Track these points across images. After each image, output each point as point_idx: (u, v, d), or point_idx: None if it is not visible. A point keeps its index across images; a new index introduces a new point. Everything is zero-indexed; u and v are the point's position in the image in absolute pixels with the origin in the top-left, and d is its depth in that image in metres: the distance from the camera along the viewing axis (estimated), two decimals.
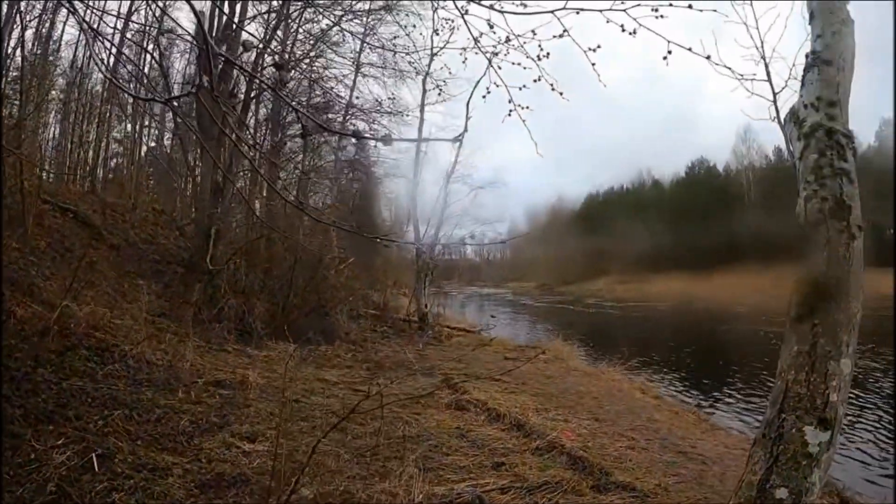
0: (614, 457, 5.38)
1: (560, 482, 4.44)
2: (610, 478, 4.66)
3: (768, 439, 2.61)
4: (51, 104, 10.08)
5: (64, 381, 5.00)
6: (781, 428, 2.57)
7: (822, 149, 2.92)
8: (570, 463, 4.96)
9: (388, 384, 6.34)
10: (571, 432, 5.96)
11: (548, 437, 5.48)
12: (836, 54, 3.12)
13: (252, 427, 5.25)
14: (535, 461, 4.93)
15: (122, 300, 7.68)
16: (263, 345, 8.96)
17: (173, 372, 6.37)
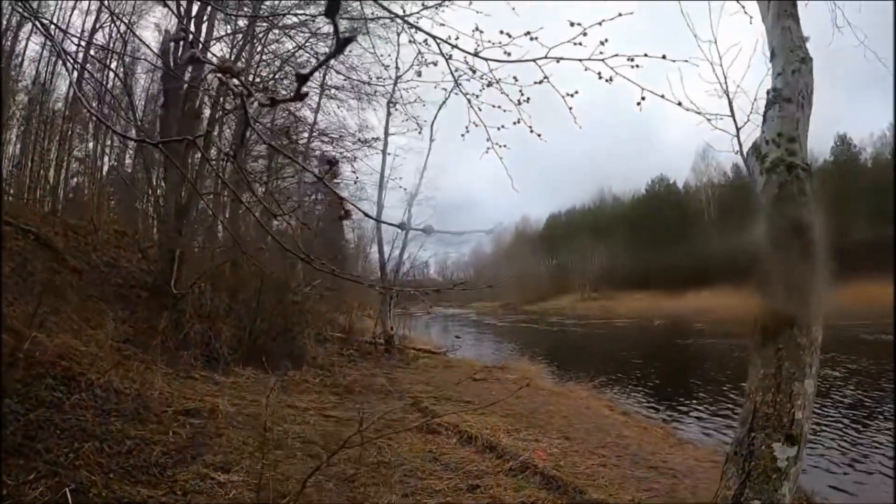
0: (587, 474, 5.53)
1: (535, 502, 4.59)
2: (584, 496, 4.82)
3: (740, 456, 2.86)
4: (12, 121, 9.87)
5: (31, 411, 4.92)
6: (752, 446, 2.82)
7: (783, 182, 3.18)
8: (544, 482, 5.10)
9: (363, 409, 6.39)
10: (543, 452, 6.12)
11: (520, 457, 5.62)
12: (795, 91, 3.39)
13: (226, 457, 5.25)
14: (510, 482, 5.04)
15: (87, 326, 7.52)
16: (231, 371, 8.88)
17: (142, 401, 6.29)
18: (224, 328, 10.38)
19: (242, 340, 10.23)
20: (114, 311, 8.42)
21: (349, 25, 14.04)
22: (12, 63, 9.14)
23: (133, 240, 11.29)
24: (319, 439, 5.94)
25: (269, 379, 8.78)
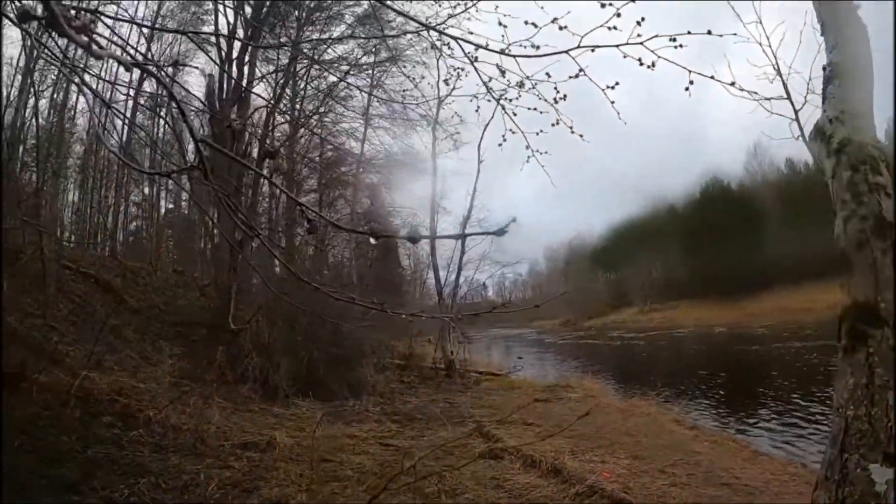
0: (657, 496, 5.28)
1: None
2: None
3: (832, 481, 2.45)
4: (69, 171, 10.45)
5: (88, 448, 4.96)
6: (845, 468, 2.40)
7: (855, 164, 2.81)
8: None
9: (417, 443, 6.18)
10: (610, 473, 5.86)
11: (587, 481, 5.35)
12: (853, 63, 3.03)
13: (282, 490, 5.14)
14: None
15: (146, 364, 7.69)
16: (290, 403, 8.87)
17: (199, 435, 6.29)
18: (282, 361, 10.43)
19: (301, 372, 10.23)
20: (172, 348, 8.59)
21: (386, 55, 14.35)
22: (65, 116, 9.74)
23: (191, 279, 11.63)
24: (377, 469, 5.75)
25: (329, 409, 8.75)
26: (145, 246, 11.92)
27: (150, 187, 12.82)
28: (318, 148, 15.18)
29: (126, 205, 11.88)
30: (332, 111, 14.93)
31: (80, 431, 5.13)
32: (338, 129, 15.39)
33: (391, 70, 14.31)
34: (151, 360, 7.92)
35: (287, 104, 13.94)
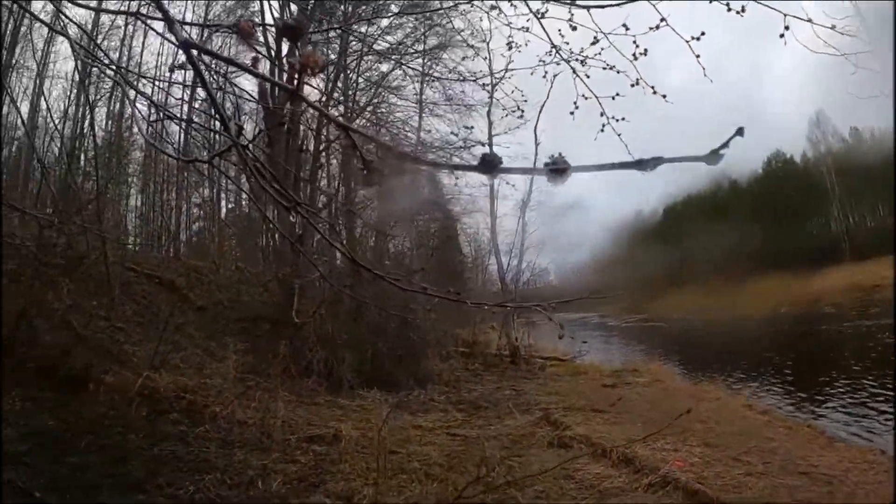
0: (733, 486, 5.05)
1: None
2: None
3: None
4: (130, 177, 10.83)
5: (155, 446, 5.00)
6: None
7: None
8: (687, 498, 4.70)
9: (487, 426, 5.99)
10: (683, 462, 5.66)
11: (660, 470, 5.17)
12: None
13: (348, 484, 5.05)
14: (649, 500, 4.71)
15: (211, 360, 7.81)
16: (355, 394, 8.85)
17: (265, 430, 6.29)
18: (346, 353, 10.43)
19: (365, 363, 10.20)
20: (236, 344, 8.70)
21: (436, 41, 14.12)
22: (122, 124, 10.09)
23: (253, 275, 11.83)
24: (444, 461, 5.58)
25: (394, 399, 8.67)
26: (208, 245, 12.25)
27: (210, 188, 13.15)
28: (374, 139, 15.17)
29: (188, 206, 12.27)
30: (385, 101, 14.92)
31: (147, 429, 5.19)
32: (392, 119, 15.37)
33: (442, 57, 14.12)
34: (216, 357, 8.03)
35: (340, 96, 14.02)
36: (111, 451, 4.51)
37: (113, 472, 4.22)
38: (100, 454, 4.35)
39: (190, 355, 7.43)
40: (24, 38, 7.43)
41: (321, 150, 13.81)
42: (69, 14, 5.71)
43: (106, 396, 5.24)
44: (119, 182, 9.89)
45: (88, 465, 4.07)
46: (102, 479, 4.05)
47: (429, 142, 16.34)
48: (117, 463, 4.38)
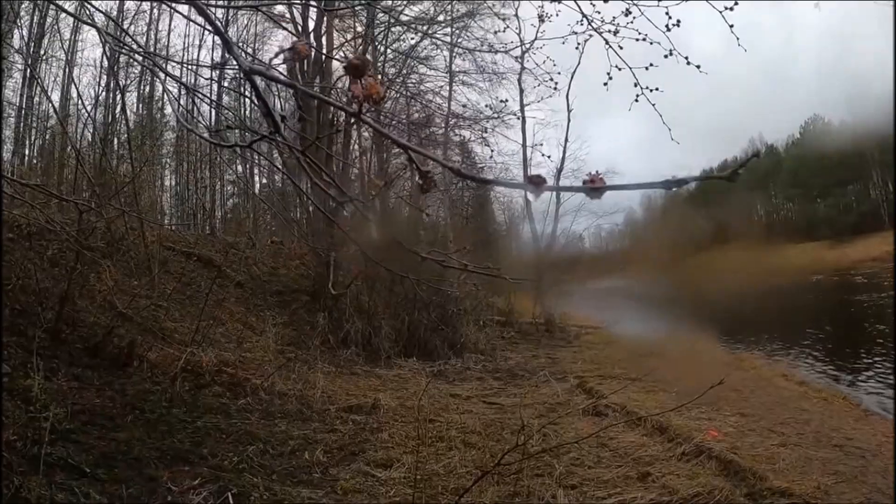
0: (766, 457, 4.98)
1: (712, 492, 4.16)
2: (764, 483, 4.33)
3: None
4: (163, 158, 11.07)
5: (198, 419, 5.17)
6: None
7: None
8: (721, 468, 4.66)
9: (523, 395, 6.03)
10: (717, 432, 5.66)
11: (693, 440, 5.17)
12: None
13: (387, 453, 5.15)
14: (683, 469, 4.65)
15: (251, 333, 8.03)
16: (392, 364, 9.00)
17: (305, 401, 6.46)
18: (383, 323, 10.57)
19: (402, 333, 10.32)
20: (274, 317, 8.91)
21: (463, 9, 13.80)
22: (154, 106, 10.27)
23: (289, 248, 12.02)
24: (482, 429, 5.64)
25: (431, 368, 8.79)
26: (243, 221, 12.49)
27: (243, 165, 13.32)
28: (405, 110, 15.23)
29: (222, 183, 12.49)
30: (415, 72, 14.85)
31: (190, 403, 5.38)
32: (422, 89, 15.31)
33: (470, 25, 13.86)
34: (256, 330, 8.25)
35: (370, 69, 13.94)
36: (156, 425, 4.69)
37: (158, 445, 4.39)
38: (145, 428, 4.52)
39: (230, 330, 7.64)
40: (52, 29, 7.63)
41: (351, 123, 13.81)
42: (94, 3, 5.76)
43: (150, 373, 5.44)
44: (153, 163, 10.12)
45: (135, 440, 4.24)
46: (148, 452, 4.21)
47: (459, 112, 16.22)
48: (162, 436, 4.55)
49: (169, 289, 7.26)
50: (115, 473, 3.72)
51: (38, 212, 4.90)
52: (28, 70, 8.65)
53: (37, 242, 5.58)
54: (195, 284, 8.29)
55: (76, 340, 5.04)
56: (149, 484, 3.85)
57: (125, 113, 9.11)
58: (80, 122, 8.74)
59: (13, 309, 4.62)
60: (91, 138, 8.64)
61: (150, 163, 9.51)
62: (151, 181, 10.43)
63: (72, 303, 5.07)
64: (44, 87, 9.03)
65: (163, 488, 3.85)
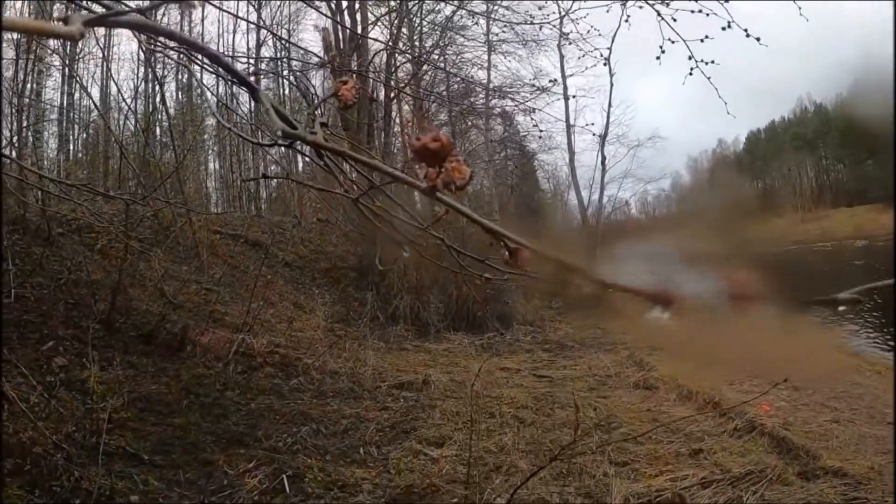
0: (819, 434, 4.85)
1: (764, 470, 4.06)
2: (817, 462, 4.20)
3: None
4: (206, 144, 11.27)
5: (252, 401, 5.29)
6: None
7: None
8: (773, 445, 4.55)
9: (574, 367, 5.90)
10: (770, 406, 5.47)
11: (746, 415, 5.02)
12: None
13: (438, 430, 5.15)
14: (735, 445, 4.56)
15: (300, 312, 8.14)
16: (442, 338, 8.99)
17: (356, 379, 6.52)
18: (431, 297, 10.56)
19: (451, 306, 10.29)
20: (323, 295, 9.01)
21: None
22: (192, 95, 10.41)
23: (335, 226, 12.10)
24: (532, 404, 5.57)
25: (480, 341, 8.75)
26: (288, 201, 12.62)
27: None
28: (444, 82, 15.10)
29: (265, 164, 12.61)
30: (453, 43, 14.69)
31: (243, 385, 5.50)
32: (461, 60, 15.13)
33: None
34: (305, 309, 8.36)
35: (406, 43, 13.85)
36: (211, 408, 4.81)
37: (213, 428, 4.51)
38: (200, 413, 4.64)
39: (280, 310, 7.77)
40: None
41: (392, 98, 13.75)
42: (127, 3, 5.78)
43: (203, 357, 5.57)
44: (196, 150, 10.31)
45: (190, 425, 4.36)
46: (204, 436, 4.33)
47: (500, 83, 15.95)
48: (217, 420, 4.67)
49: (218, 273, 7.41)
50: (172, 459, 3.83)
51: (85, 208, 5.02)
52: (66, 69, 8.91)
53: (86, 236, 5.76)
54: (243, 266, 8.45)
55: (130, 329, 5.21)
56: (205, 468, 3.95)
57: (165, 103, 9.28)
58: (121, 114, 9.00)
59: (67, 303, 4.79)
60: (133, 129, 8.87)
61: (193, 150, 9.68)
62: (195, 167, 10.64)
63: (124, 292, 5.22)
64: (83, 84, 9.29)
65: (219, 472, 3.95)
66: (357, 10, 12.62)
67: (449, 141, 0.78)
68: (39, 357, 3.95)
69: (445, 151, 0.79)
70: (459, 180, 0.80)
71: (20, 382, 3.41)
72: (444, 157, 0.79)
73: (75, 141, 9.84)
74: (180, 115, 9.95)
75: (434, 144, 0.78)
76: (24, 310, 4.38)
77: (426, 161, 0.79)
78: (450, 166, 0.79)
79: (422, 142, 0.77)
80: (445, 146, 0.78)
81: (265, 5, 13.12)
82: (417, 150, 0.79)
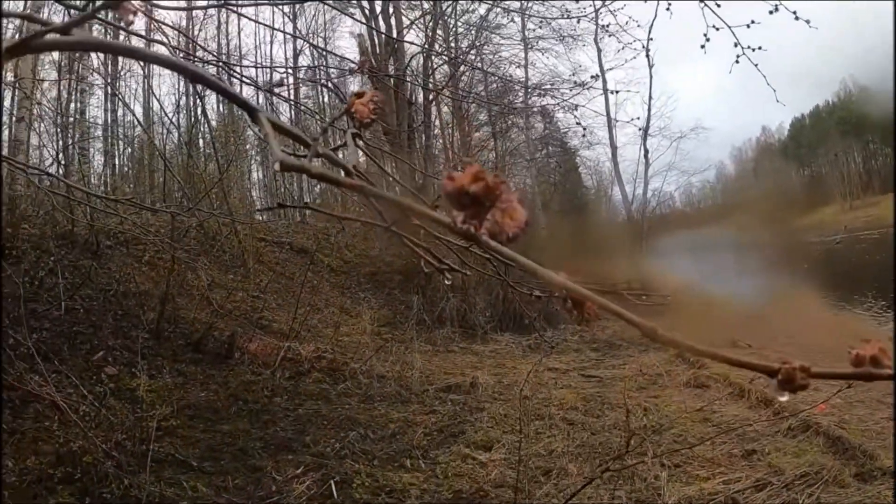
0: (876, 432, 4.62)
1: (819, 472, 3.92)
2: (875, 462, 4.03)
3: None
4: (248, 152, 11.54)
5: (300, 406, 5.33)
6: None
7: None
8: (829, 445, 4.40)
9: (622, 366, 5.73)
10: (825, 404, 5.04)
11: (800, 413, 4.78)
12: None
13: (486, 434, 5.09)
14: (789, 445, 4.42)
15: (347, 317, 8.20)
16: (488, 339, 8.91)
17: (403, 382, 6.50)
18: (477, 298, 10.49)
19: (497, 307, 10.19)
20: (369, 299, 9.05)
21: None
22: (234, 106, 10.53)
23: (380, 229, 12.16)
24: (581, 404, 5.43)
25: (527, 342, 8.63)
26: (332, 206, 12.75)
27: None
28: (482, 82, 15.11)
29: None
30: (489, 42, 14.69)
31: (291, 391, 5.55)
32: (498, 59, 15.12)
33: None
34: (352, 314, 8.42)
35: (442, 45, 13.91)
36: (259, 415, 4.87)
37: (262, 435, 4.55)
38: (249, 419, 4.70)
39: (326, 315, 7.83)
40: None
41: (430, 101, 13.80)
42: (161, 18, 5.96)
43: (251, 364, 5.66)
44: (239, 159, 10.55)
45: (239, 431, 4.42)
46: (253, 442, 4.38)
47: (537, 81, 15.82)
48: (265, 426, 4.72)
49: (264, 280, 7.54)
50: (221, 465, 3.88)
51: (132, 221, 5.18)
52: (108, 87, 9.29)
53: (134, 248, 5.95)
54: (289, 273, 8.58)
55: (178, 338, 5.33)
56: (253, 474, 3.99)
57: (206, 115, 9.55)
58: (163, 128, 9.30)
59: (116, 313, 4.95)
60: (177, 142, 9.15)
61: (236, 160, 9.92)
62: (239, 177, 10.88)
63: (172, 302, 5.35)
64: (125, 101, 9.66)
65: (267, 478, 3.98)
66: (391, 15, 12.73)
67: (497, 179, 0.57)
68: (90, 367, 4.08)
69: (492, 195, 0.58)
70: (512, 229, 0.59)
71: (71, 392, 3.52)
72: (491, 201, 0.58)
73: (120, 156, 10.27)
74: (222, 127, 10.21)
75: (475, 186, 0.57)
76: (75, 321, 4.56)
77: (465, 209, 0.58)
78: (499, 212, 0.58)
79: (457, 183, 0.57)
80: (491, 188, 0.57)
81: (300, 15, 13.39)
82: (453, 194, 0.58)
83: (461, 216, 0.57)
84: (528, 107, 15.87)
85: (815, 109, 50.26)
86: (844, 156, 43.24)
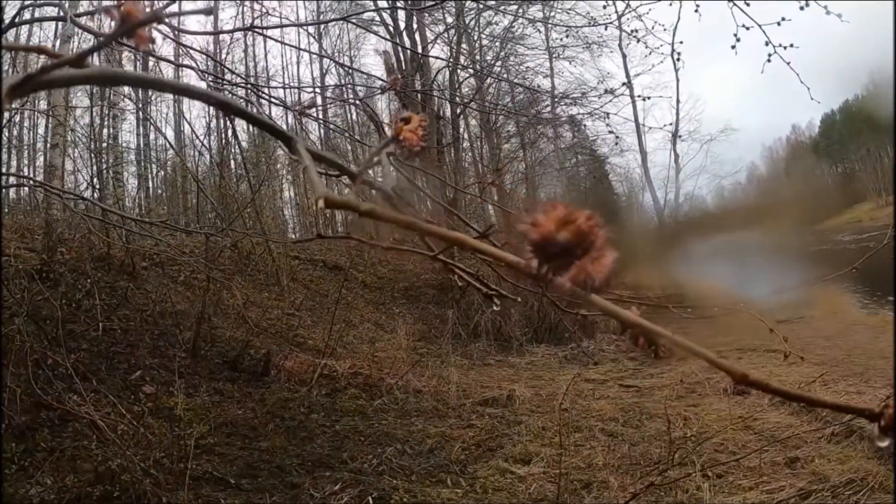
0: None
1: (865, 478, 3.79)
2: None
3: None
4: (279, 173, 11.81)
5: (336, 423, 5.35)
6: None
7: None
8: (872, 451, 4.21)
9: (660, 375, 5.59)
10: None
11: (843, 419, 4.60)
12: None
13: (525, 447, 5.01)
14: (833, 452, 4.28)
15: (382, 332, 8.22)
16: (524, 351, 8.81)
17: (440, 397, 6.47)
18: (513, 310, 10.41)
19: (532, 319, 10.09)
20: (404, 314, 9.07)
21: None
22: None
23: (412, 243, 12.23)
24: (620, 415, 5.32)
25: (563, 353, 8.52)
26: (364, 222, 12.83)
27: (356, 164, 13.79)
28: (509, 93, 15.17)
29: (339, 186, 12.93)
30: (513, 54, 14.80)
31: (328, 408, 5.57)
32: (524, 70, 15.16)
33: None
34: (387, 329, 8.44)
35: (467, 58, 14.03)
36: (296, 431, 4.90)
37: (299, 451, 4.58)
38: (286, 436, 4.73)
39: (361, 331, 7.88)
40: (154, 70, 8.40)
41: (458, 115, 13.88)
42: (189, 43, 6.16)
43: (287, 381, 5.71)
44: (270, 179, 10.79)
45: (276, 448, 4.45)
46: (290, 459, 4.40)
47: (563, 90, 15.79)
48: (303, 443, 4.74)
49: (299, 298, 7.62)
50: (259, 482, 3.91)
51: (166, 243, 5.31)
52: (140, 112, 9.64)
53: (169, 269, 6.11)
54: (323, 290, 8.67)
55: (215, 356, 5.42)
56: (291, 491, 4.00)
57: (237, 136, 9.82)
58: (195, 150, 9.62)
59: (153, 333, 5.06)
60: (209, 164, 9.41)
61: (268, 179, 10.14)
62: (271, 196, 11.11)
63: (208, 321, 5.45)
64: (156, 125, 10.00)
65: (305, 495, 3.98)
66: (416, 31, 12.89)
67: (590, 222, 0.49)
68: (128, 386, 4.17)
69: (585, 242, 0.48)
70: (599, 276, 0.50)
71: (109, 411, 3.61)
72: (584, 249, 0.49)
73: (154, 179, 10.64)
74: (252, 147, 10.49)
75: (565, 234, 0.47)
76: (112, 341, 4.68)
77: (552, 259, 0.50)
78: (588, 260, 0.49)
79: (543, 229, 0.48)
80: (585, 233, 0.48)
81: (325, 35, 13.67)
82: (538, 244, 0.49)
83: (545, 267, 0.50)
84: (556, 117, 15.83)
85: (846, 104, 48.51)
86: (877, 151, 41.83)
